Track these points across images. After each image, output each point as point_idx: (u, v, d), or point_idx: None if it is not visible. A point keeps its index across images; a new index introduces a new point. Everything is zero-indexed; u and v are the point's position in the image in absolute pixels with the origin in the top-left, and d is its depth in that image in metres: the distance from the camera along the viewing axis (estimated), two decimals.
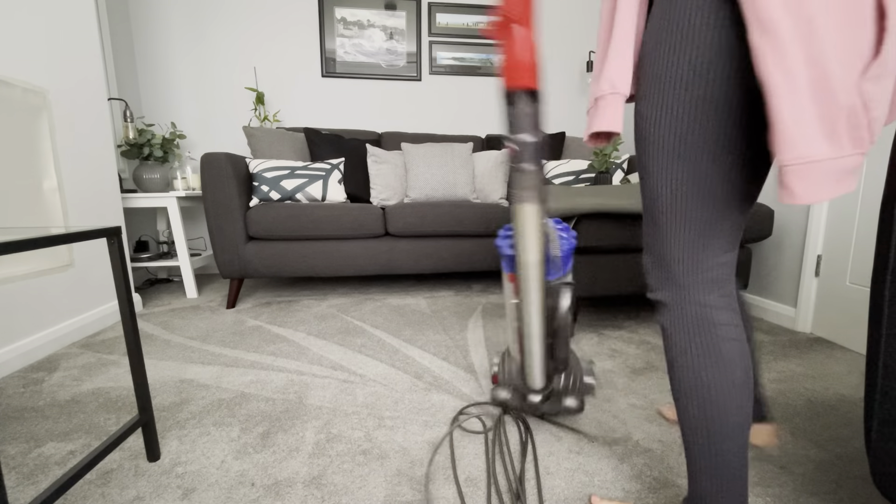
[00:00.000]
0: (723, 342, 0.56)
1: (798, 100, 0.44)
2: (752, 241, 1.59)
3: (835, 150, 0.45)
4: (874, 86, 0.45)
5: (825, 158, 0.45)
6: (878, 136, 0.51)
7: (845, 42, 0.44)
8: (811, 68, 0.44)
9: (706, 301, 0.57)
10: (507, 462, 0.83)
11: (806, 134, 0.45)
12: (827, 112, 0.44)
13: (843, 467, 0.82)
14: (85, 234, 0.67)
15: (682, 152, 0.54)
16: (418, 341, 1.47)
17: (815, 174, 0.45)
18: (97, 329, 1.60)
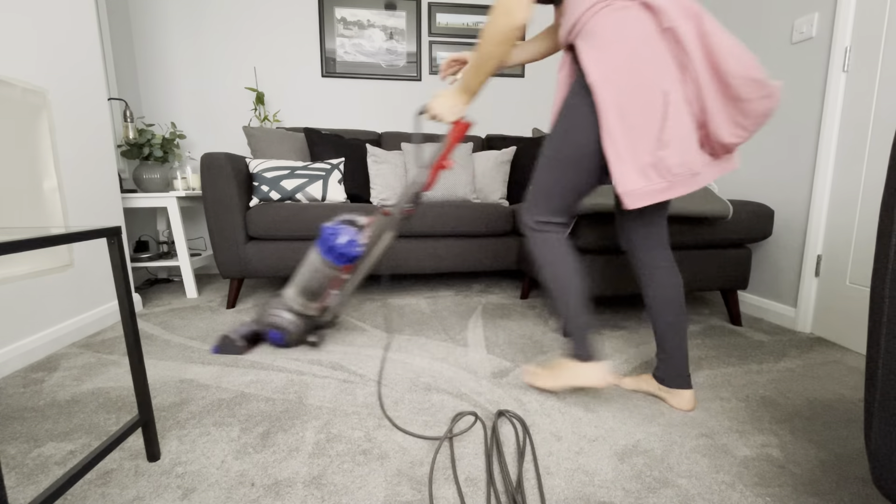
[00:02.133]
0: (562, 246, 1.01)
1: (621, 164, 0.84)
2: (752, 241, 1.59)
3: (646, 182, 0.83)
4: (663, 150, 0.82)
5: (638, 188, 0.84)
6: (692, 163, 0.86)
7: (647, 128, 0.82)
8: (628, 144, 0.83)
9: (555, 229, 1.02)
10: (504, 463, 0.83)
11: (626, 178, 0.84)
12: (638, 166, 0.83)
13: (843, 467, 0.82)
14: (85, 234, 0.67)
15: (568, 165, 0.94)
16: (418, 341, 1.47)
17: (634, 196, 0.84)
18: (97, 329, 1.60)
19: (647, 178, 0.82)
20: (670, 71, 0.80)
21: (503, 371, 1.23)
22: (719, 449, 0.88)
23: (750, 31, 1.80)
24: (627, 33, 0.80)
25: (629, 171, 0.82)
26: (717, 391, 1.12)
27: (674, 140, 0.80)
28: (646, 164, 0.82)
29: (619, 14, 0.80)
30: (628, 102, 0.80)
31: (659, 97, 0.79)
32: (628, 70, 0.80)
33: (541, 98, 2.98)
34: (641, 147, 0.82)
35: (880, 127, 1.34)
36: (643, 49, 0.79)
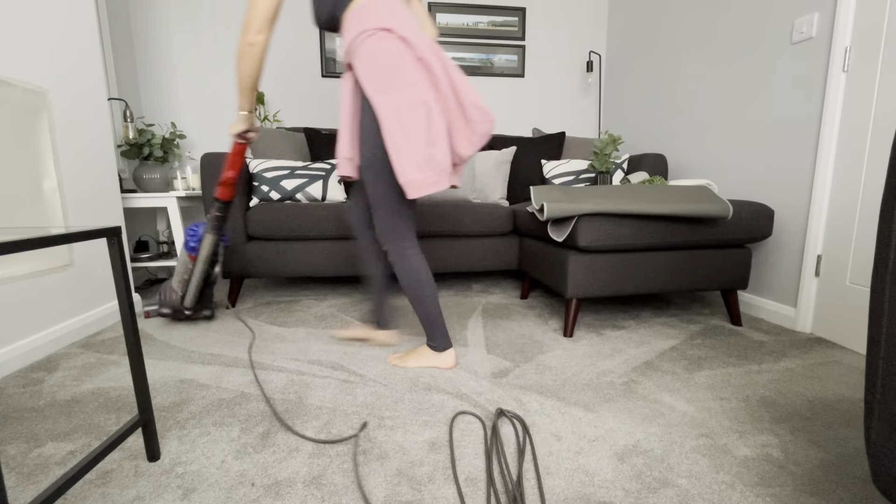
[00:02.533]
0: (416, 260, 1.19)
1: (401, 159, 1.01)
2: (752, 241, 1.59)
3: (422, 175, 1.02)
4: (432, 147, 1.01)
5: (417, 179, 1.02)
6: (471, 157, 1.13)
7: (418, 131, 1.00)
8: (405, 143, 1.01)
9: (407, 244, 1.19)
10: (504, 463, 0.83)
11: (407, 170, 1.01)
12: (415, 161, 1.01)
13: (843, 467, 0.82)
14: (85, 234, 0.67)
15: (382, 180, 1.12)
16: (418, 341, 1.47)
17: (414, 185, 1.02)
18: (97, 329, 1.60)
19: (422, 171, 1.02)
20: (427, 88, 1.02)
21: (503, 371, 1.23)
22: (719, 449, 0.88)
23: (750, 31, 1.80)
24: (393, 57, 1.01)
25: (409, 165, 1.01)
26: (717, 391, 1.12)
27: (438, 140, 1.02)
28: (421, 159, 1.01)
29: (384, 42, 1.01)
30: (400, 109, 0.99)
31: (423, 106, 1.00)
32: (397, 85, 1.00)
33: (541, 98, 2.98)
34: (416, 146, 1.00)
35: (880, 127, 1.34)
36: (406, 69, 1.00)
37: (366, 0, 1.06)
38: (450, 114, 1.05)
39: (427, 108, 1.01)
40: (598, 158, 2.11)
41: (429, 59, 1.01)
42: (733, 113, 1.89)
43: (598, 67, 3.00)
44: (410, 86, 1.00)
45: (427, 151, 1.01)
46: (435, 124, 1.02)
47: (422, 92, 1.01)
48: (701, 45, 2.08)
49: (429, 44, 1.04)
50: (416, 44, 1.01)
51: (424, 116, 1.01)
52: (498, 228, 2.07)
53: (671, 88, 2.31)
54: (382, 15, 1.03)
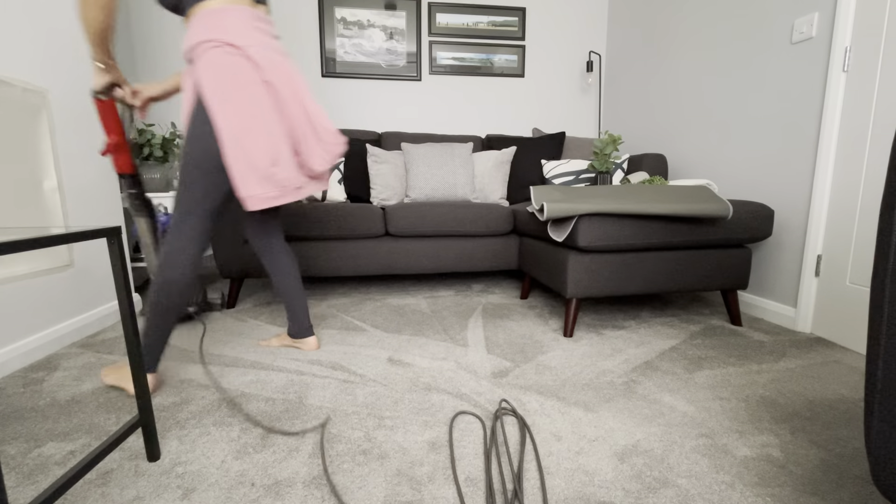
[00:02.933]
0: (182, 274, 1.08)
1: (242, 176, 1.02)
2: (752, 241, 1.59)
3: (262, 191, 1.04)
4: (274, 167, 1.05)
5: (257, 195, 1.04)
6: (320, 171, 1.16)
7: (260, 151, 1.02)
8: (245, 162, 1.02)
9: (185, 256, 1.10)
10: (505, 462, 0.83)
11: (247, 186, 1.03)
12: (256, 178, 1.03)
13: (843, 467, 0.82)
14: (85, 234, 0.67)
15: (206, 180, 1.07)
16: (418, 341, 1.47)
17: (253, 200, 1.04)
18: (97, 329, 1.60)
19: (263, 187, 1.04)
20: (270, 110, 1.04)
21: (503, 371, 1.23)
22: (719, 449, 0.88)
23: (750, 31, 1.80)
24: (238, 76, 1.00)
25: (250, 181, 1.03)
26: (717, 391, 1.12)
27: (280, 161, 1.06)
28: (261, 177, 1.04)
29: (231, 58, 0.99)
30: (242, 129, 1.00)
31: (265, 127, 1.03)
32: (241, 104, 1.00)
33: (541, 98, 2.98)
34: (257, 164, 1.02)
35: (880, 127, 1.34)
36: (250, 90, 1.01)
37: (219, 7, 1.01)
38: (298, 134, 1.09)
39: (269, 130, 1.03)
40: (598, 158, 2.11)
41: (276, 83, 1.03)
42: (733, 113, 1.89)
43: (598, 67, 3.00)
44: (254, 106, 1.01)
45: (269, 170, 1.04)
46: (276, 145, 1.04)
47: (264, 113, 1.03)
48: (701, 44, 2.08)
49: (279, 67, 1.05)
50: (264, 66, 1.02)
51: (265, 137, 1.03)
52: (498, 228, 2.07)
53: (671, 88, 2.31)
54: (234, 30, 1.00)
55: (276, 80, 1.04)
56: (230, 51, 0.99)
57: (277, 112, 1.05)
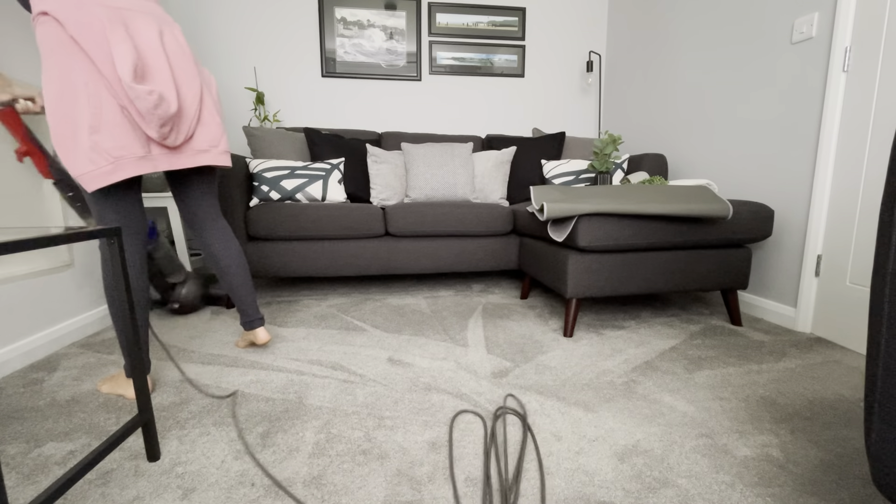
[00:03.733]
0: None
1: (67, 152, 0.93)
2: (752, 241, 1.59)
3: (93, 166, 0.94)
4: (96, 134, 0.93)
5: (88, 171, 0.94)
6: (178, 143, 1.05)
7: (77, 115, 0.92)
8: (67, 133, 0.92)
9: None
10: (504, 461, 0.83)
11: (77, 163, 0.93)
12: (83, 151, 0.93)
13: (843, 467, 0.82)
14: (85, 234, 0.67)
15: None
16: (418, 341, 1.47)
17: (87, 178, 0.94)
18: (97, 329, 1.60)
19: (93, 162, 0.93)
20: (82, 69, 0.91)
21: (503, 371, 1.23)
22: (719, 449, 0.88)
23: (750, 31, 1.80)
24: (46, 42, 0.91)
25: (77, 157, 0.93)
26: (717, 391, 1.12)
27: (104, 126, 0.93)
28: (87, 148, 0.93)
29: (42, 28, 0.92)
30: (55, 98, 0.91)
31: (77, 87, 0.91)
32: (51, 72, 0.91)
33: (541, 98, 2.98)
34: (79, 134, 0.92)
35: (880, 127, 1.34)
36: (57, 52, 0.91)
37: None
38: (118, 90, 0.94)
39: (84, 90, 0.91)
40: (598, 158, 2.11)
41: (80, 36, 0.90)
42: (733, 113, 1.89)
43: (598, 67, 3.00)
44: (62, 70, 0.91)
45: (90, 139, 0.92)
46: (94, 107, 0.92)
47: (76, 71, 0.91)
48: (701, 44, 2.08)
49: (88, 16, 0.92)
50: (68, 20, 0.90)
51: (80, 98, 0.91)
52: (498, 228, 2.07)
53: (671, 88, 2.31)
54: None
55: (83, 34, 0.91)
56: (42, 20, 0.91)
57: (95, 71, 0.92)
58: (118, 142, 0.96)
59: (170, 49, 1.04)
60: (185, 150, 1.09)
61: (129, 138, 0.97)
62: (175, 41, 1.07)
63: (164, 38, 1.04)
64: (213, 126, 1.14)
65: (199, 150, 1.11)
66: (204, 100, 1.12)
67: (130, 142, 0.98)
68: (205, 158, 1.13)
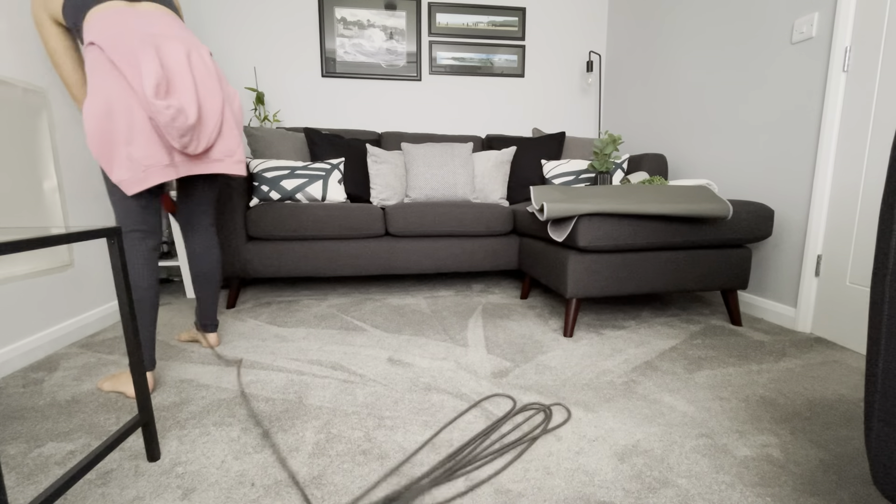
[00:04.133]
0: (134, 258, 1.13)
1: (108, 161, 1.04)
2: (752, 241, 1.59)
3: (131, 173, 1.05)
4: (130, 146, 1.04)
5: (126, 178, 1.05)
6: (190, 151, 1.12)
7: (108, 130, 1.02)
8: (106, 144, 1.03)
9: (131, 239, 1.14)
10: (504, 462, 0.83)
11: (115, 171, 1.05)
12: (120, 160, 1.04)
13: (843, 467, 0.82)
14: (85, 234, 0.67)
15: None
16: (418, 341, 1.47)
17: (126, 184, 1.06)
18: (97, 329, 1.60)
19: (129, 170, 1.05)
20: (121, 84, 1.02)
21: (503, 371, 1.23)
22: (719, 449, 0.88)
23: (750, 31, 1.80)
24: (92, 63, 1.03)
25: (116, 166, 1.04)
26: (717, 391, 1.12)
27: (136, 137, 1.04)
28: (124, 158, 1.04)
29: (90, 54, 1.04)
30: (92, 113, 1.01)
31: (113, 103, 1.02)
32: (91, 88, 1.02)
33: (541, 98, 2.98)
34: (117, 146, 1.03)
35: (880, 127, 1.34)
36: (96, 73, 1.02)
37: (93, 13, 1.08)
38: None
39: (115, 107, 1.02)
40: (598, 158, 2.11)
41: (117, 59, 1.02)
42: (733, 113, 1.89)
43: (598, 67, 3.00)
44: (99, 89, 1.02)
45: (126, 150, 1.04)
46: (128, 121, 1.03)
47: (107, 91, 1.01)
48: (701, 44, 2.08)
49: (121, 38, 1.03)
50: (108, 46, 1.02)
51: (114, 115, 1.02)
52: (498, 228, 2.07)
53: (671, 88, 2.31)
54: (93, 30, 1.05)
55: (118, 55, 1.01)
56: (90, 48, 1.04)
57: (129, 87, 1.03)
58: (147, 151, 1.06)
59: (196, 68, 1.13)
60: (203, 159, 1.18)
61: (156, 148, 1.08)
62: (201, 61, 1.15)
63: (192, 58, 1.13)
64: (230, 139, 1.22)
65: (216, 159, 1.20)
66: (225, 115, 1.20)
67: (157, 151, 1.08)
68: (220, 167, 1.22)
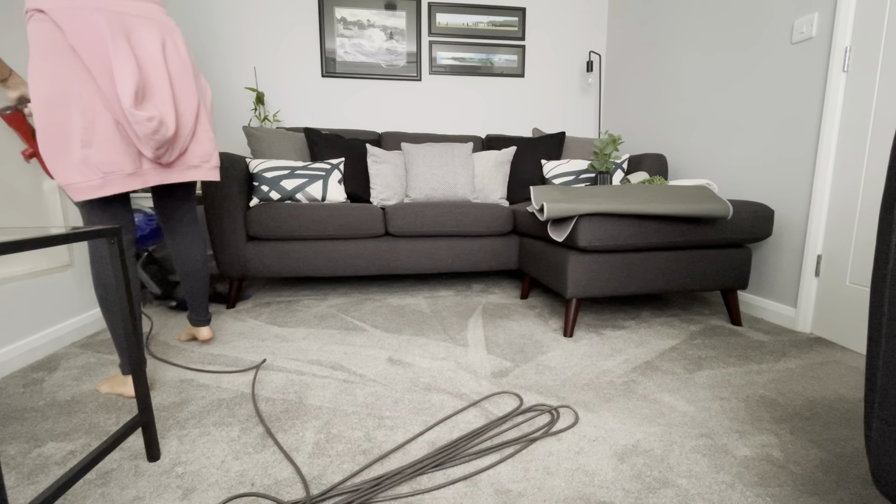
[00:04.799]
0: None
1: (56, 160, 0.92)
2: (752, 241, 1.59)
3: (83, 178, 0.94)
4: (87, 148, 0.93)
5: (76, 182, 0.94)
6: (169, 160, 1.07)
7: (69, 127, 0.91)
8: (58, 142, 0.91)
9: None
10: (502, 462, 0.83)
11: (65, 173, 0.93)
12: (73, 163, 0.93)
13: (843, 467, 0.82)
14: (85, 234, 0.67)
15: None
16: (418, 341, 1.47)
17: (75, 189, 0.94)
18: (97, 329, 1.60)
19: (82, 174, 0.94)
20: (82, 77, 0.90)
21: (503, 371, 1.23)
22: (719, 449, 0.88)
23: (750, 31, 1.80)
24: (42, 43, 0.88)
25: (66, 167, 0.93)
26: (717, 391, 1.12)
27: (96, 140, 0.93)
28: (77, 160, 0.93)
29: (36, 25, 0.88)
30: (48, 103, 0.89)
31: (70, 96, 0.90)
32: (44, 75, 0.88)
33: (541, 98, 2.98)
34: (70, 144, 0.92)
35: (880, 127, 1.34)
36: (54, 53, 0.88)
37: None
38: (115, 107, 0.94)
39: (72, 101, 0.90)
40: (598, 158, 2.11)
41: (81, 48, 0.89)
42: (733, 113, 1.89)
43: (598, 67, 3.00)
44: (54, 77, 0.88)
45: (81, 152, 0.92)
46: (88, 121, 0.91)
47: (65, 82, 0.89)
48: (701, 44, 2.08)
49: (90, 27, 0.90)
50: (68, 29, 0.88)
51: (70, 110, 0.90)
52: (498, 228, 2.07)
53: (671, 88, 2.31)
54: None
55: (82, 44, 0.89)
56: (38, 17, 0.88)
57: (92, 83, 0.91)
58: (108, 157, 0.96)
59: (171, 62, 1.03)
60: (176, 166, 1.09)
61: (119, 154, 0.97)
62: (176, 51, 1.05)
63: (167, 48, 1.02)
64: (206, 142, 1.14)
65: (191, 165, 1.12)
66: (200, 115, 1.11)
67: (121, 157, 0.98)
68: (196, 174, 1.13)
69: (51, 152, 0.92)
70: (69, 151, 0.92)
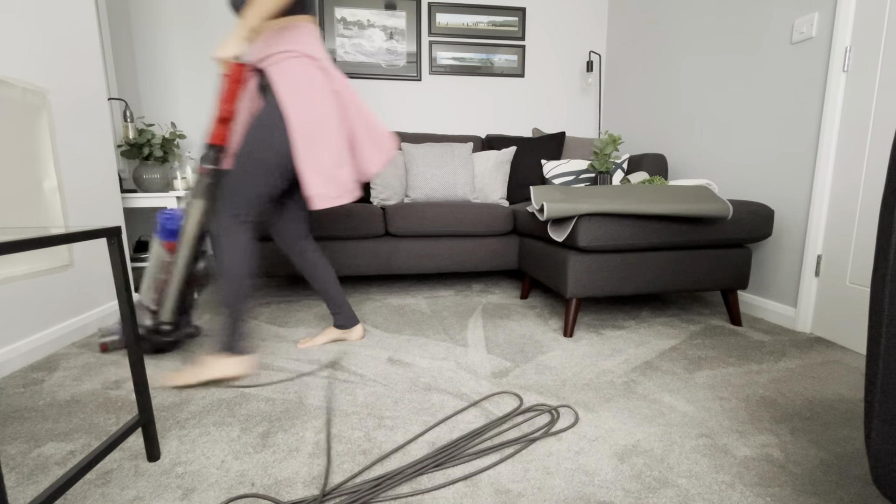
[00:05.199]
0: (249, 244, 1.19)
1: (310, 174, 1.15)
2: (752, 241, 1.59)
3: (327, 190, 1.17)
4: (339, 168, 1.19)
5: (322, 193, 1.16)
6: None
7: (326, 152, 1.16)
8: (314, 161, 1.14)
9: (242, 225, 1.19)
10: (502, 460, 0.83)
11: (313, 185, 1.15)
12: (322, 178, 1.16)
13: (843, 467, 0.82)
14: (85, 234, 0.67)
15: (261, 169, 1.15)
16: (418, 341, 1.47)
17: (319, 199, 1.16)
18: (97, 329, 1.60)
19: (328, 187, 1.17)
20: (336, 117, 1.18)
21: (503, 371, 1.23)
22: (719, 449, 0.88)
23: (750, 31, 1.80)
24: (315, 84, 1.14)
25: (316, 180, 1.15)
26: (717, 391, 1.12)
27: (343, 164, 1.19)
28: (328, 177, 1.16)
29: (308, 68, 1.14)
30: (314, 132, 1.13)
31: (332, 132, 1.16)
32: (315, 110, 1.13)
33: (541, 98, 2.98)
34: (324, 164, 1.15)
35: (880, 127, 1.34)
36: (323, 98, 1.15)
37: (294, 23, 1.16)
38: (357, 139, 1.25)
39: (336, 135, 1.17)
40: (598, 158, 2.11)
41: (343, 93, 1.20)
42: (733, 113, 1.89)
43: (598, 67, 3.00)
44: (325, 114, 1.14)
45: (333, 171, 1.17)
46: (341, 148, 1.19)
47: (331, 119, 1.15)
48: (701, 45, 2.08)
49: (342, 78, 1.22)
50: (334, 77, 1.18)
51: (332, 142, 1.16)
52: (498, 228, 2.07)
53: (671, 88, 2.31)
54: (308, 44, 1.15)
55: (343, 90, 1.20)
56: (307, 62, 1.13)
57: (340, 119, 1.19)
58: (348, 176, 1.21)
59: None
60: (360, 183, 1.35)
61: (350, 174, 1.22)
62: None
63: None
64: None
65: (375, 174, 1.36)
66: None
67: (351, 177, 1.23)
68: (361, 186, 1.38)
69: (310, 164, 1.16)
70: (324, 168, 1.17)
